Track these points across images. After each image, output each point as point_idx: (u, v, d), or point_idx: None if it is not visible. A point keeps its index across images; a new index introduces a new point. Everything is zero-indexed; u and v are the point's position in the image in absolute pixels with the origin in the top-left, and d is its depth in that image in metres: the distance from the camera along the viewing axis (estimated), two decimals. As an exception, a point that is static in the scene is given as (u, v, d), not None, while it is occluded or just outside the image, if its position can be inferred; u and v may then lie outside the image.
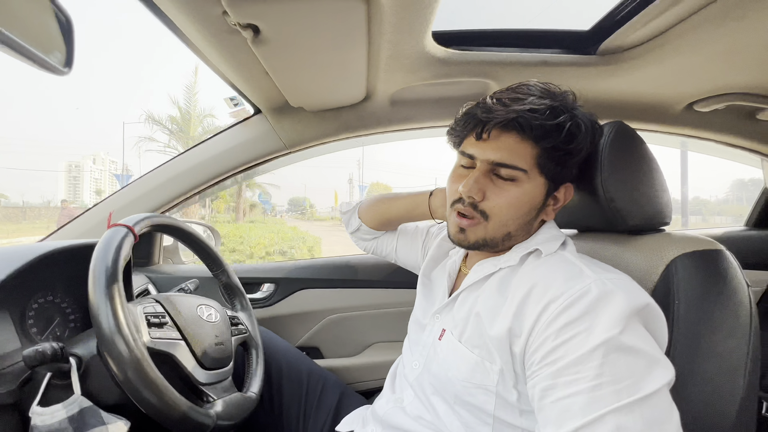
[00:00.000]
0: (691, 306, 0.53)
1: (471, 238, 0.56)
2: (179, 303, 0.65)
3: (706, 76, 0.85)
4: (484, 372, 0.52)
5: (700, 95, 0.94)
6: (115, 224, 0.59)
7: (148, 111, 14.28)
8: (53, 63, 0.42)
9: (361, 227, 0.91)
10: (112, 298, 0.50)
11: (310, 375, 0.87)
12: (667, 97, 0.96)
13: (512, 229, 0.56)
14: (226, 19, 0.55)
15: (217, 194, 13.44)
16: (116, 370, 0.48)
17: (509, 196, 0.54)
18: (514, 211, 0.54)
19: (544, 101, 0.52)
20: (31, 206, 39.78)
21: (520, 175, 0.53)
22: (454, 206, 0.57)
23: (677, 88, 0.92)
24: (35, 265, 0.65)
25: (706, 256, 0.56)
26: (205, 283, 1.00)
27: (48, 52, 0.41)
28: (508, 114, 0.51)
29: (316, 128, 0.99)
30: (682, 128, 1.08)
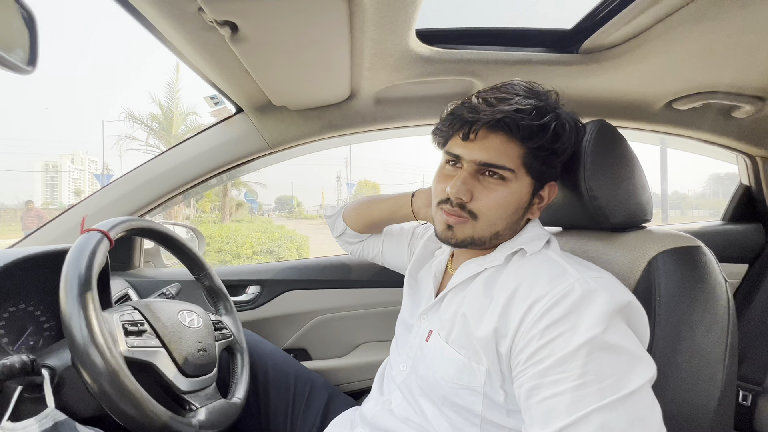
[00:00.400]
0: (672, 302, 0.54)
1: (459, 236, 0.56)
2: (159, 309, 0.63)
3: (684, 75, 0.87)
4: (471, 373, 0.52)
5: (678, 94, 0.96)
6: (88, 229, 0.57)
7: (128, 109, 13.87)
8: (15, 61, 0.39)
9: (346, 231, 0.90)
10: (86, 306, 0.48)
11: (297, 377, 0.86)
12: (647, 95, 0.98)
13: (500, 228, 0.56)
14: (202, 15, 0.53)
15: (202, 194, 13.20)
16: (91, 382, 0.46)
17: (497, 196, 0.54)
18: (502, 210, 0.54)
19: (530, 101, 0.52)
20: (6, 208, 38.35)
21: (507, 174, 0.53)
22: (441, 206, 0.57)
23: (657, 87, 0.94)
24: (4, 273, 0.62)
25: (685, 252, 0.57)
26: (188, 286, 0.98)
27: (9, 50, 0.39)
28: (495, 114, 0.51)
29: (299, 127, 0.98)
30: (661, 126, 1.10)
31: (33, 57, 0.41)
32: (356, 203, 0.89)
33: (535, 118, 0.51)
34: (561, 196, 0.70)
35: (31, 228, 5.97)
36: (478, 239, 0.56)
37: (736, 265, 1.23)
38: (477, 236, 0.56)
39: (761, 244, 1.23)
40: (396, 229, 0.90)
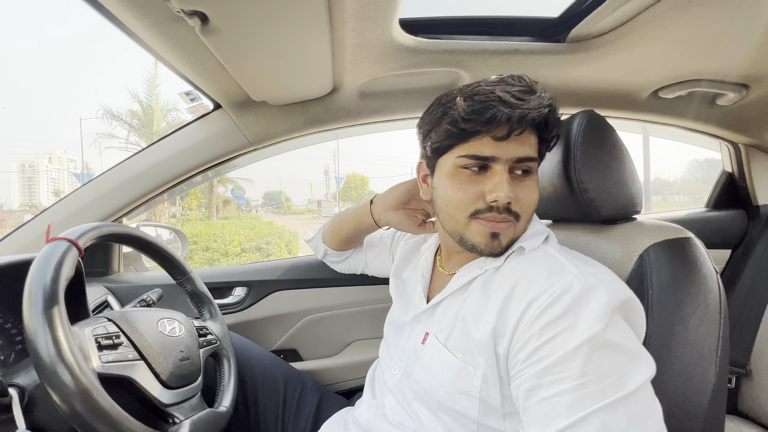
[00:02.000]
0: (664, 295, 0.54)
1: (504, 242, 0.52)
2: (137, 319, 0.60)
3: (670, 63, 0.86)
4: (468, 377, 0.51)
5: (664, 82, 0.96)
6: (54, 238, 0.53)
7: (106, 106, 13.41)
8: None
9: (328, 251, 0.91)
10: (51, 322, 0.45)
11: (287, 380, 0.85)
12: (634, 84, 0.97)
13: (530, 217, 0.55)
14: (168, 5, 0.49)
15: (187, 191, 12.92)
16: (60, 402, 0.43)
17: (532, 191, 0.53)
18: (534, 204, 0.53)
19: (544, 94, 0.51)
20: (-19, 211, 36.97)
21: (534, 166, 0.53)
22: (482, 216, 0.51)
23: (643, 76, 0.93)
24: None
25: (676, 244, 0.57)
26: (172, 290, 0.94)
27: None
28: (542, 110, 0.48)
29: (281, 123, 0.94)
30: (647, 115, 1.10)
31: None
32: (329, 222, 0.89)
33: (552, 110, 0.51)
34: (551, 189, 0.68)
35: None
36: (517, 239, 0.54)
37: (720, 251, 1.25)
38: (517, 236, 0.54)
39: (743, 230, 1.25)
40: (376, 238, 0.89)
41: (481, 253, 0.53)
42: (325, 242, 0.90)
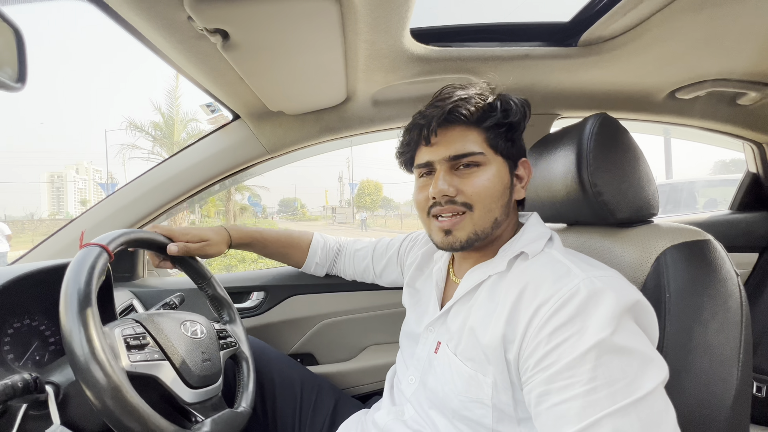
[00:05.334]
0: (682, 299, 0.53)
1: (461, 236, 0.55)
2: (161, 321, 0.63)
3: (686, 63, 0.85)
4: (478, 386, 0.51)
5: (681, 83, 0.94)
6: (87, 243, 0.56)
7: (130, 118, 13.96)
8: (4, 79, 0.39)
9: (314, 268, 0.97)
10: (86, 322, 0.47)
11: (304, 383, 0.86)
12: (650, 85, 0.96)
13: (497, 213, 0.56)
14: (192, 24, 0.52)
15: (206, 199, 13.22)
16: (93, 398, 0.46)
17: (481, 180, 0.54)
18: (491, 192, 0.55)
19: (469, 91, 0.56)
20: (14, 220, 38.79)
21: (479, 158, 0.55)
22: (431, 213, 0.57)
23: (659, 77, 0.92)
24: (7, 290, 0.62)
25: (694, 247, 0.56)
26: (193, 294, 0.98)
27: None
28: (444, 108, 0.54)
29: (297, 132, 0.97)
30: (665, 116, 1.08)
31: (22, 74, 0.40)
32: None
33: (480, 101, 0.55)
34: (564, 192, 0.68)
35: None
36: (481, 232, 0.55)
37: (746, 254, 1.21)
38: (479, 229, 0.55)
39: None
40: (381, 249, 0.91)
41: (441, 249, 0.59)
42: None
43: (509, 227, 0.60)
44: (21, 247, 16.92)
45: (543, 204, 0.72)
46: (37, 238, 21.43)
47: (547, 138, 0.73)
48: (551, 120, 1.08)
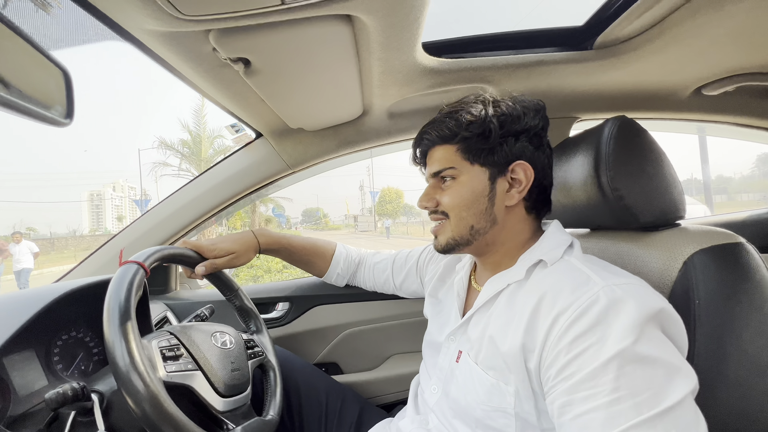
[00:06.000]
0: (713, 305, 0.51)
1: (441, 241, 0.62)
2: (193, 333, 0.66)
3: (711, 60, 0.83)
4: (500, 395, 0.51)
5: (707, 79, 0.91)
6: (126, 261, 0.61)
7: (161, 137, 14.73)
8: (55, 116, 0.43)
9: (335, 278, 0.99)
10: (126, 335, 0.51)
11: (329, 392, 0.88)
12: (673, 84, 0.94)
13: (473, 221, 0.59)
14: (216, 55, 0.56)
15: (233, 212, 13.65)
16: (134, 406, 0.49)
17: (453, 192, 0.60)
18: (462, 201, 0.59)
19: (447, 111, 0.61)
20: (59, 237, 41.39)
21: (453, 172, 0.59)
22: (430, 218, 0.65)
23: (682, 75, 0.89)
24: (56, 305, 0.67)
25: (725, 250, 0.54)
26: (222, 306, 1.02)
27: (49, 108, 0.43)
28: (421, 135, 0.63)
29: (317, 147, 1.00)
30: (692, 114, 1.04)
31: (70, 110, 0.45)
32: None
33: (445, 118, 0.59)
34: (584, 197, 0.67)
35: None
36: (459, 237, 0.60)
37: None
38: (456, 234, 0.60)
39: (817, 232, 1.12)
40: (401, 261, 0.92)
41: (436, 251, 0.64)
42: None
43: (519, 234, 0.60)
44: (65, 262, 18.01)
45: (564, 209, 0.71)
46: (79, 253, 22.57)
47: (566, 142, 0.73)
48: (570, 123, 1.06)
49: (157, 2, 0.45)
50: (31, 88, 0.42)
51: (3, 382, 0.60)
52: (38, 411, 0.61)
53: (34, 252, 8.29)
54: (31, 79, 0.43)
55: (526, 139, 0.58)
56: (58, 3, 0.39)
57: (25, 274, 7.96)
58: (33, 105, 0.40)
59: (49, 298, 0.65)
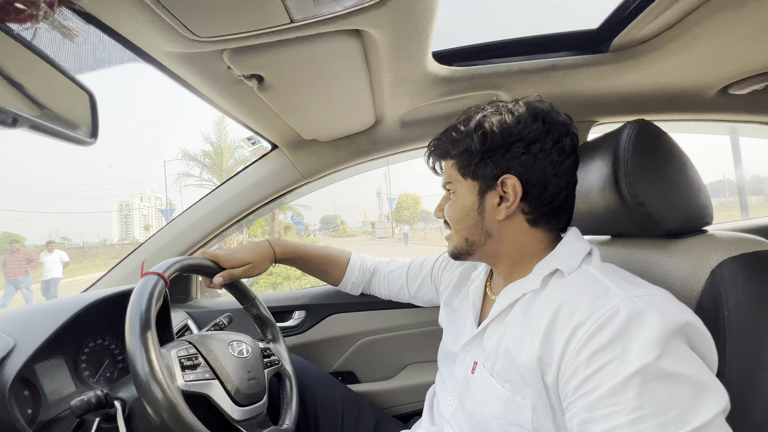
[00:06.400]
0: (744, 316, 0.48)
1: (449, 248, 0.65)
2: (211, 342, 0.68)
3: (737, 58, 0.79)
4: (517, 408, 0.50)
5: (733, 78, 0.88)
6: (147, 272, 0.63)
7: (184, 148, 15.31)
8: (80, 136, 0.46)
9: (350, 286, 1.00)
10: (146, 344, 0.53)
11: (345, 401, 0.87)
12: (697, 84, 0.90)
13: (467, 234, 0.60)
14: (231, 73, 0.58)
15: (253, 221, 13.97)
16: (153, 414, 0.50)
17: (450, 204, 0.62)
18: (456, 216, 0.61)
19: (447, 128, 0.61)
20: (90, 246, 43.32)
21: (451, 186, 0.61)
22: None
23: (706, 74, 0.86)
24: (84, 313, 0.70)
25: (755, 258, 0.51)
26: (240, 314, 1.04)
27: (75, 128, 0.45)
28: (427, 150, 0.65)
29: (331, 157, 1.02)
30: (720, 114, 1.00)
31: (95, 131, 0.47)
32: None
33: (443, 136, 0.61)
34: (603, 204, 0.65)
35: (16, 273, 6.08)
36: (459, 247, 0.62)
37: None
38: (456, 244, 0.62)
39: None
40: (415, 269, 0.91)
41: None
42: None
43: (524, 246, 0.57)
44: (96, 270, 18.80)
45: (582, 216, 0.69)
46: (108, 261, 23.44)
47: (583, 147, 0.71)
48: (588, 127, 1.04)
49: (174, 26, 0.48)
50: (60, 110, 0.45)
51: (34, 388, 0.63)
52: (66, 417, 0.63)
53: (65, 261, 8.41)
54: (59, 102, 0.45)
55: (522, 147, 0.54)
56: (82, 31, 0.42)
57: (54, 284, 7.99)
58: (61, 126, 0.43)
59: (77, 307, 0.68)
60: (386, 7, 0.51)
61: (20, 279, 7.95)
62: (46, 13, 0.34)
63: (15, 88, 0.38)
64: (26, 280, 8.03)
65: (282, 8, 0.46)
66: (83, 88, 0.47)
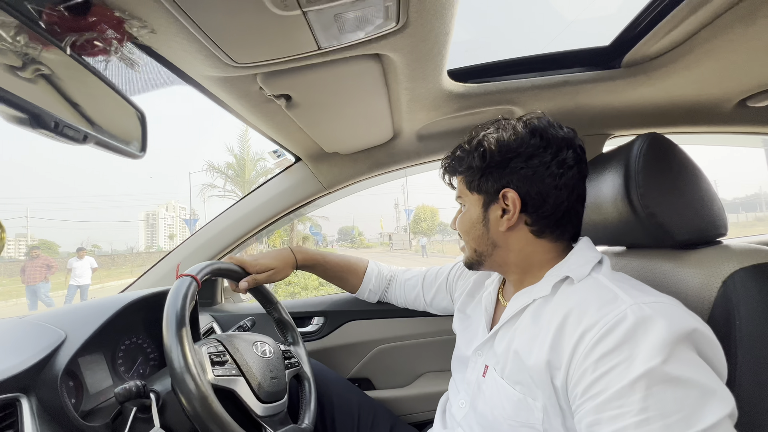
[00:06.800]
0: (755, 326, 0.49)
1: (464, 259, 0.68)
2: (237, 341, 0.72)
3: (753, 72, 0.80)
4: (528, 410, 0.51)
5: (751, 91, 0.88)
6: (182, 274, 0.68)
7: (209, 160, 15.87)
8: (132, 151, 0.52)
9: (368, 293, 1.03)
10: (182, 340, 0.57)
11: (361, 406, 0.89)
12: (713, 97, 0.91)
13: (474, 245, 0.64)
14: (262, 92, 0.64)
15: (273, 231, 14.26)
16: (186, 405, 0.55)
17: (460, 217, 0.66)
18: (464, 228, 0.65)
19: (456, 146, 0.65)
20: (119, 254, 45.06)
21: (461, 200, 0.66)
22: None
23: (722, 88, 0.87)
24: (123, 313, 0.76)
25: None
26: (262, 319, 1.08)
27: (128, 143, 0.51)
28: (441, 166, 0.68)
29: (350, 169, 1.07)
30: (739, 126, 1.00)
31: (144, 145, 0.54)
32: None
33: (452, 155, 0.65)
34: (615, 215, 0.67)
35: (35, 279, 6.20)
36: (471, 258, 0.65)
37: None
38: (469, 255, 0.65)
39: None
40: (431, 277, 0.94)
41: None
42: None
43: (532, 255, 0.59)
44: (123, 277, 19.50)
45: (596, 227, 0.71)
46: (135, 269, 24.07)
47: (596, 159, 0.73)
48: (602, 140, 1.05)
49: (216, 54, 0.54)
50: (114, 127, 0.51)
51: (78, 381, 0.68)
52: (103, 408, 0.68)
53: (93, 268, 8.44)
54: (114, 119, 0.52)
55: (521, 162, 0.56)
56: (143, 61, 0.48)
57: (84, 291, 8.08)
58: (117, 142, 0.49)
59: (119, 305, 0.74)
60: (404, 33, 0.56)
61: (39, 285, 7.88)
62: (116, 48, 0.41)
63: (83, 109, 0.44)
64: (45, 287, 7.95)
65: (311, 37, 0.52)
66: (135, 107, 0.54)
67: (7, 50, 0.36)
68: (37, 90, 0.37)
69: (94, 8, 0.37)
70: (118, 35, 0.40)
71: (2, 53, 0.36)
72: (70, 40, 0.37)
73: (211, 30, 0.49)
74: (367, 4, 0.46)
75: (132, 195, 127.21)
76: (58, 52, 0.38)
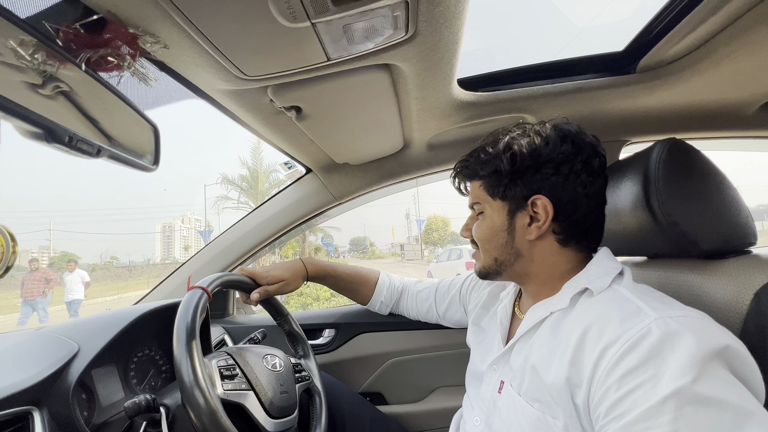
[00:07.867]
0: None
1: (477, 268, 0.65)
2: (248, 355, 0.71)
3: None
4: (547, 428, 0.49)
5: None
6: (193, 286, 0.68)
7: (223, 173, 16.17)
8: (145, 164, 0.52)
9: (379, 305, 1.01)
10: (191, 353, 0.57)
11: (373, 422, 0.87)
12: (733, 101, 0.88)
13: (496, 254, 0.60)
14: (273, 105, 0.65)
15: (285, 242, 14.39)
16: (195, 419, 0.54)
17: (479, 225, 0.62)
18: (484, 236, 0.61)
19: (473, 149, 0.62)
20: (136, 265, 46.02)
21: (480, 207, 0.62)
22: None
23: (743, 91, 0.84)
24: (135, 325, 0.76)
25: None
26: (273, 331, 1.07)
27: (141, 157, 0.52)
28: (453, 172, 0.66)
29: (361, 179, 1.07)
30: (759, 131, 0.96)
31: (157, 158, 0.54)
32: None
33: (471, 158, 0.61)
34: (635, 224, 0.64)
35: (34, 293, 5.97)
36: (487, 266, 0.62)
37: None
38: (484, 263, 0.62)
39: None
40: (444, 289, 0.92)
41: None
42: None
43: (554, 266, 0.57)
44: (140, 288, 19.87)
45: (615, 236, 0.68)
46: (151, 280, 24.57)
47: (613, 166, 0.71)
48: (619, 147, 1.02)
49: (228, 68, 0.54)
50: (128, 140, 0.52)
51: (90, 393, 0.68)
52: (114, 421, 0.68)
53: (86, 281, 7.77)
54: (128, 133, 0.53)
55: (552, 168, 0.54)
56: (155, 76, 0.49)
57: (75, 306, 7.46)
58: (131, 155, 0.50)
59: (131, 317, 0.75)
60: (413, 43, 0.56)
61: (37, 300, 7.19)
62: (129, 63, 0.42)
63: (99, 123, 0.45)
64: (43, 302, 7.25)
65: (320, 49, 0.52)
66: (148, 121, 0.55)
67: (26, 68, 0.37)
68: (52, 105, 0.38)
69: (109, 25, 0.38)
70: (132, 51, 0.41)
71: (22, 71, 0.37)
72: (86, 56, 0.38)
73: (222, 43, 0.49)
74: (375, 14, 0.46)
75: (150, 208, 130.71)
76: (74, 68, 0.39)
